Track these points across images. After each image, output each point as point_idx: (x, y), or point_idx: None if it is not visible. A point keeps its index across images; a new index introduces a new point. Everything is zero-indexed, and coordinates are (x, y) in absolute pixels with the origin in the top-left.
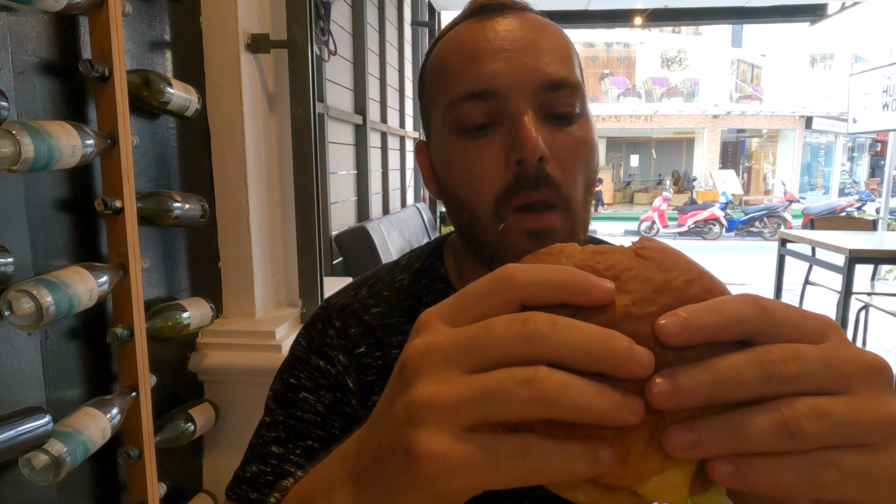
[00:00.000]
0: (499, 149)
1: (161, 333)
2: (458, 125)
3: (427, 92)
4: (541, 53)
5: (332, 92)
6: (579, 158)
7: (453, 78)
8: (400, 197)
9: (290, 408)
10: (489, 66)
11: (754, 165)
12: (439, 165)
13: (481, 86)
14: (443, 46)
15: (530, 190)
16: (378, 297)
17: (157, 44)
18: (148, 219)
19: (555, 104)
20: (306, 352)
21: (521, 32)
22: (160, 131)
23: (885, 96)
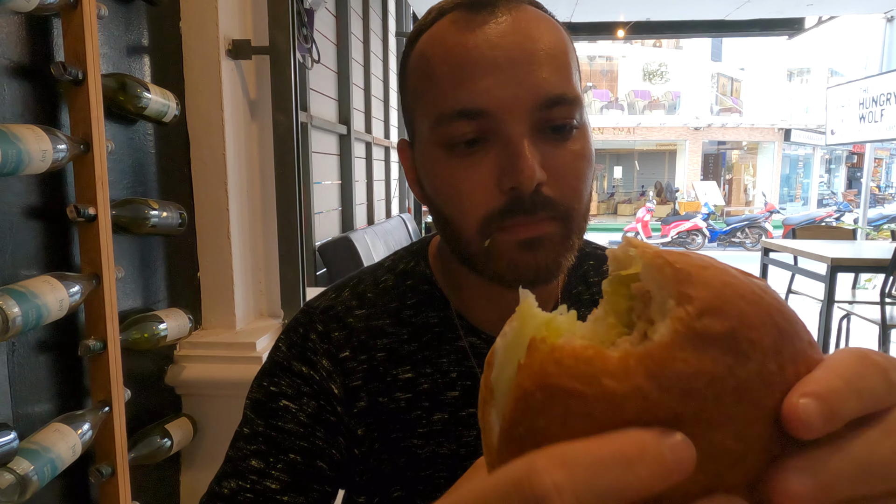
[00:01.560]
0: (490, 169)
1: (136, 346)
2: (446, 141)
3: (410, 92)
4: (538, 66)
5: (316, 101)
6: (578, 173)
7: (441, 90)
8: (385, 207)
9: (270, 418)
10: (481, 83)
11: (735, 177)
12: (424, 177)
13: (473, 104)
14: (428, 45)
15: (526, 215)
16: (361, 299)
17: (135, 48)
18: (123, 227)
19: (552, 119)
20: (287, 358)
21: (516, 39)
22: (137, 137)
23: (861, 108)
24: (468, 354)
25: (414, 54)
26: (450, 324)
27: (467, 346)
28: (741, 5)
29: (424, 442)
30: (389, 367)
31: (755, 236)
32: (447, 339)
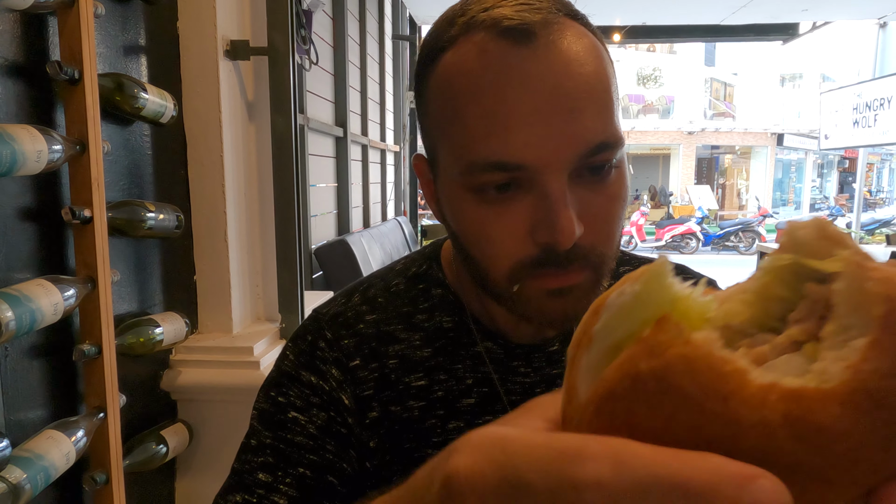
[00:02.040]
0: (523, 219)
1: (132, 350)
2: (475, 187)
3: (432, 118)
4: (580, 112)
5: (313, 103)
6: (613, 217)
7: (471, 137)
8: (381, 210)
9: (278, 429)
10: (519, 136)
11: (728, 181)
12: (447, 210)
13: (509, 158)
14: (455, 75)
15: (558, 269)
16: (372, 304)
17: (132, 48)
18: (119, 229)
19: (592, 164)
20: (295, 367)
21: (557, 80)
22: (134, 138)
23: (855, 113)
24: (484, 360)
25: (436, 77)
26: (465, 328)
27: (483, 352)
28: (737, 10)
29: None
30: (402, 374)
31: (749, 240)
32: (462, 345)
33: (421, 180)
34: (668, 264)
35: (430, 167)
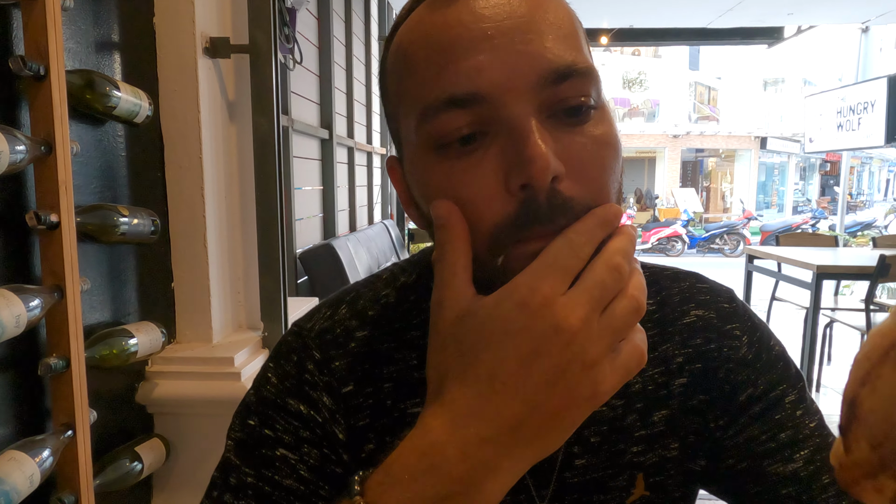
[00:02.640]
0: (493, 169)
1: (104, 363)
2: (436, 140)
3: (390, 96)
4: (537, 34)
5: (298, 105)
6: (603, 163)
7: (423, 79)
8: (367, 214)
9: (262, 468)
10: (469, 62)
11: (713, 184)
12: (416, 190)
13: (462, 88)
14: (405, 35)
15: (543, 223)
16: (362, 318)
17: (104, 44)
18: (90, 235)
19: (563, 98)
20: (280, 393)
21: (508, 8)
22: (106, 139)
23: (839, 117)
24: None
25: (391, 51)
26: None
27: None
28: (723, 14)
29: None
30: (397, 400)
31: (733, 243)
32: None
33: (397, 187)
34: None
35: (399, 161)
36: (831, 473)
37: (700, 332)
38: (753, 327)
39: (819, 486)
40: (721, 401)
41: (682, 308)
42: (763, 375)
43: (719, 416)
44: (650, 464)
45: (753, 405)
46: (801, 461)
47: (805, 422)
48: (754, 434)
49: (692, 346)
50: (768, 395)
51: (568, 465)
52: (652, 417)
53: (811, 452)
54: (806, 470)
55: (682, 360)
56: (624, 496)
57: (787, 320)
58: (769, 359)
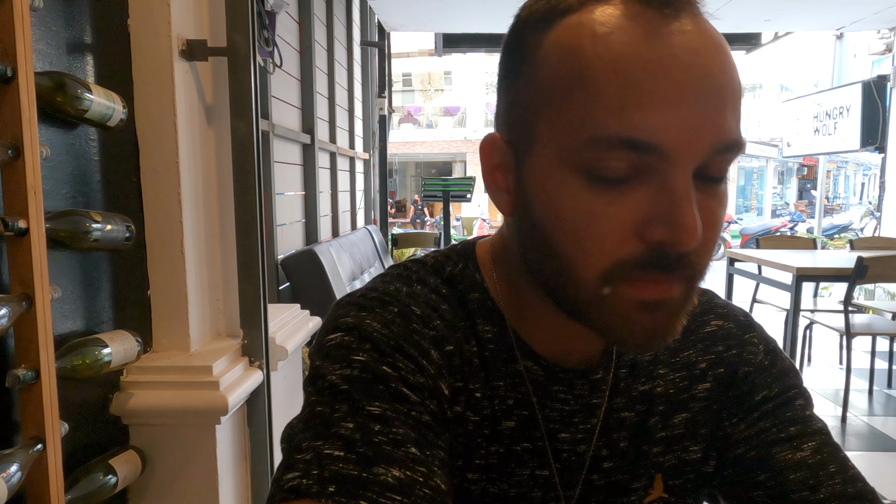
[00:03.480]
0: (637, 211)
1: (76, 373)
2: (590, 168)
3: (536, 85)
4: (723, 101)
5: (279, 109)
6: (720, 223)
7: (602, 106)
8: (350, 219)
9: (396, 402)
10: (662, 113)
11: None
12: (536, 196)
13: (645, 137)
14: (586, 38)
15: (664, 273)
16: (438, 293)
17: (76, 45)
18: (61, 242)
19: (719, 167)
20: (391, 336)
21: (704, 62)
22: (78, 143)
23: (815, 122)
24: (524, 379)
25: (556, 38)
26: (505, 341)
27: (523, 370)
28: None
29: (479, 476)
30: (470, 378)
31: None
32: (502, 360)
33: (487, 163)
34: None
35: (514, 148)
36: (837, 465)
37: (721, 340)
38: (768, 339)
39: (826, 473)
40: (738, 400)
41: (702, 318)
42: (777, 380)
43: (734, 415)
44: (669, 465)
45: (766, 403)
46: (809, 450)
47: (812, 421)
48: (765, 427)
49: (714, 352)
50: (781, 396)
51: (595, 468)
52: (673, 420)
53: (818, 444)
54: (813, 458)
55: (704, 365)
56: (643, 496)
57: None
58: (783, 367)
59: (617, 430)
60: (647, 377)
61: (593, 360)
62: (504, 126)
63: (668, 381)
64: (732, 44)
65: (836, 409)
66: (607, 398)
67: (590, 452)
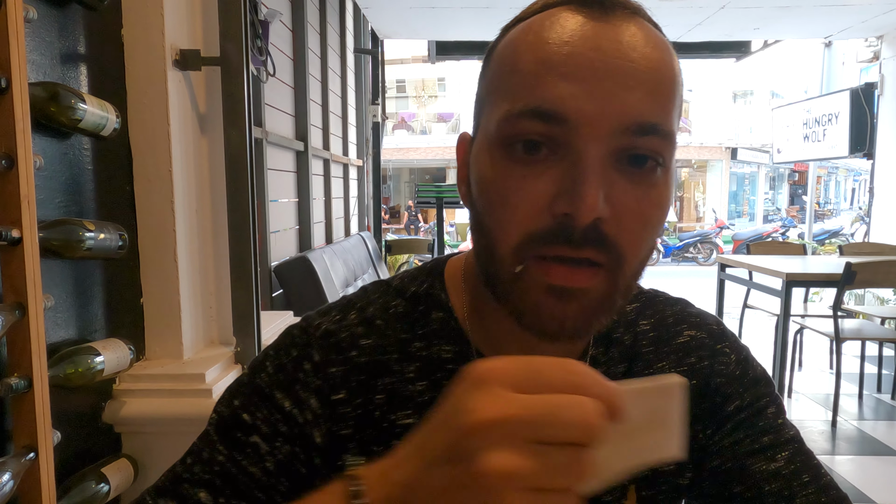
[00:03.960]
0: (547, 186)
1: (69, 382)
2: (507, 138)
3: (487, 82)
4: (638, 84)
5: (272, 117)
6: (648, 221)
7: (521, 82)
8: (343, 225)
9: (234, 450)
10: (567, 85)
11: (686, 194)
12: (474, 174)
13: (551, 106)
14: (521, 33)
15: (570, 246)
16: (370, 326)
17: (70, 55)
18: (54, 251)
19: (636, 149)
20: (271, 384)
21: (620, 48)
22: (72, 152)
23: (805, 128)
24: None
25: (503, 42)
26: (467, 361)
27: None
28: (692, 28)
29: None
30: (388, 411)
31: (707, 251)
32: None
33: (459, 161)
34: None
35: (471, 142)
36: (810, 474)
37: (694, 351)
38: (740, 348)
39: (800, 483)
40: (711, 411)
41: (675, 329)
42: (749, 390)
43: (707, 426)
44: (643, 476)
45: (739, 413)
46: (783, 461)
47: (785, 430)
48: (739, 438)
49: (687, 364)
50: (753, 406)
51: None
52: None
53: (791, 454)
54: (787, 468)
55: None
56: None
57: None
58: (754, 376)
59: None
60: None
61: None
62: (473, 121)
63: None
64: (723, 51)
65: (827, 413)
66: None
67: None
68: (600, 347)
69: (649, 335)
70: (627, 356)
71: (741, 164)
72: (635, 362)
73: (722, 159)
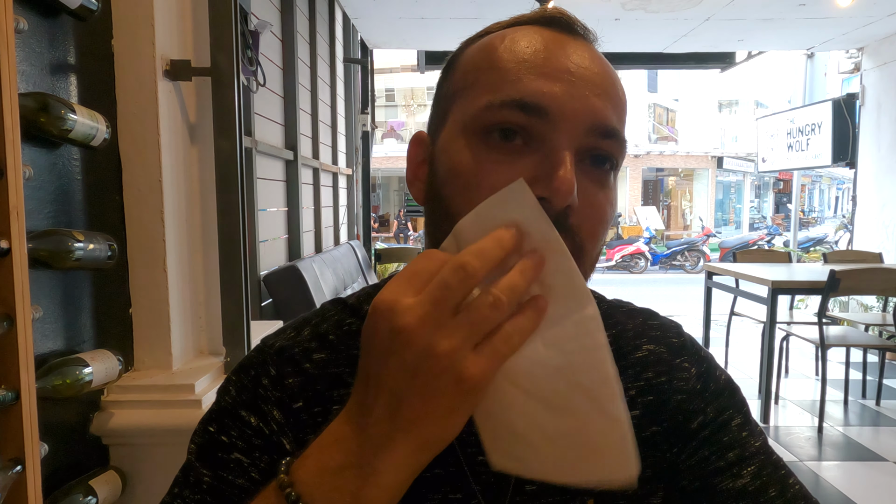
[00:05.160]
0: (522, 172)
1: (57, 393)
2: (485, 126)
3: (454, 83)
4: (604, 95)
5: (262, 126)
6: (603, 217)
7: (503, 77)
8: (333, 234)
9: (219, 469)
10: (549, 84)
11: (673, 202)
12: (441, 162)
13: (533, 99)
14: (497, 40)
15: None
16: (322, 341)
17: (60, 66)
18: (43, 261)
19: (599, 151)
20: (235, 404)
21: (592, 65)
22: (61, 162)
23: (789, 138)
24: None
25: (472, 49)
26: None
27: None
28: (678, 39)
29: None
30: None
31: (694, 259)
32: None
33: (411, 160)
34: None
35: (431, 138)
36: (777, 487)
37: (652, 366)
38: (700, 360)
39: (766, 498)
40: (675, 430)
41: (634, 342)
42: (711, 403)
43: (673, 444)
44: (600, 491)
45: (703, 430)
46: (749, 476)
47: (750, 441)
48: (705, 455)
49: (644, 379)
50: (716, 420)
51: (519, 490)
52: None
53: (757, 468)
54: (753, 484)
55: (634, 392)
56: None
57: (746, 334)
58: (717, 388)
59: None
60: None
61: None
62: (429, 126)
63: None
64: (708, 62)
65: (814, 419)
66: None
67: (513, 476)
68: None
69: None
70: None
71: (727, 172)
72: None
73: (708, 168)
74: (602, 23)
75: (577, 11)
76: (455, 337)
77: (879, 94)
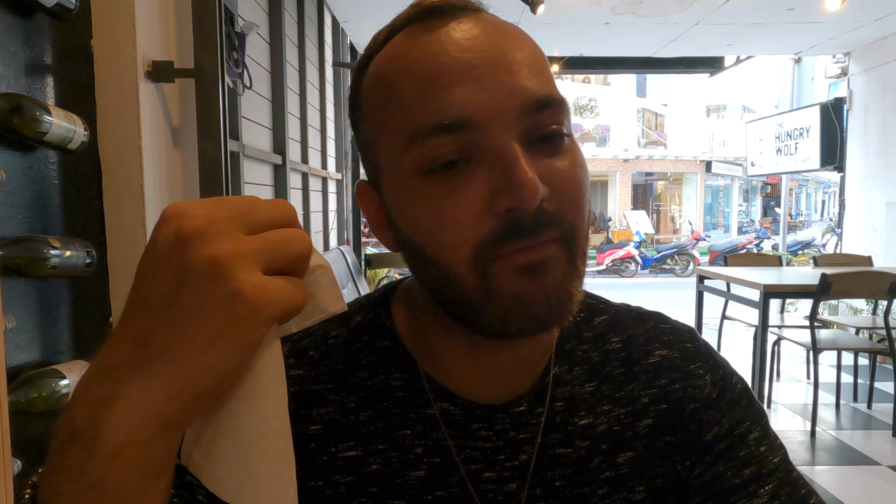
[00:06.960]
0: (479, 191)
1: (31, 407)
2: (422, 165)
3: (367, 122)
4: (517, 66)
5: (249, 130)
6: (580, 183)
7: (410, 107)
8: (323, 239)
9: (183, 490)
10: (457, 91)
11: (662, 206)
12: (399, 214)
13: (451, 115)
14: (385, 65)
15: (529, 237)
16: (301, 357)
17: (36, 66)
18: (16, 269)
19: (542, 126)
20: None
21: (487, 40)
22: (37, 166)
23: (777, 142)
24: (438, 424)
25: (367, 80)
26: (416, 387)
27: (438, 413)
28: (667, 44)
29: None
30: (328, 443)
31: (684, 263)
32: (412, 406)
33: (367, 211)
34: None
35: (375, 186)
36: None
37: (665, 373)
38: (716, 366)
39: None
40: (688, 441)
41: (646, 348)
42: (727, 414)
43: (686, 457)
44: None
45: (718, 443)
46: (766, 496)
47: (769, 457)
48: (720, 471)
49: (657, 386)
50: (733, 433)
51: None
52: (617, 459)
53: (775, 487)
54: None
55: (647, 400)
56: None
57: (738, 338)
58: (733, 397)
59: (552, 468)
60: (588, 412)
61: (522, 394)
62: (366, 172)
63: (611, 419)
64: (697, 67)
65: (806, 423)
66: (541, 433)
67: (524, 492)
68: (564, 365)
69: (620, 355)
70: (595, 375)
71: (716, 176)
72: (604, 384)
73: (697, 172)
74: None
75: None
76: (242, 246)
77: (867, 98)
